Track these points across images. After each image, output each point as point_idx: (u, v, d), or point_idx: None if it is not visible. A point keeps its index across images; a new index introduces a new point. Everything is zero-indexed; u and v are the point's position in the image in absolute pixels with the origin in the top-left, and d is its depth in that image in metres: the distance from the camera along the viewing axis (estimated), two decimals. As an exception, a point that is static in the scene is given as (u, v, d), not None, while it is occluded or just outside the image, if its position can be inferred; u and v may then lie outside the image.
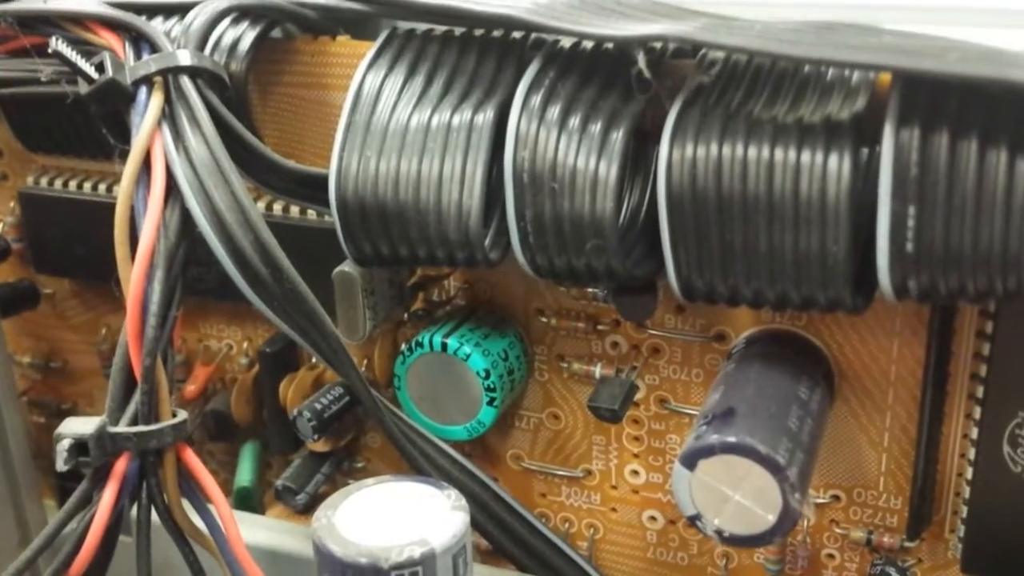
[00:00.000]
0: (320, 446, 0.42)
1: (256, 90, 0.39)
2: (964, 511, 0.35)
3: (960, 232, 0.27)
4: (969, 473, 0.34)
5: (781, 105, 0.30)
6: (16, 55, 0.39)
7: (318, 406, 0.40)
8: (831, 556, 0.38)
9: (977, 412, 0.34)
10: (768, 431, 0.31)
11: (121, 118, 0.35)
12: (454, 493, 0.31)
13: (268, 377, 0.43)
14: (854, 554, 0.38)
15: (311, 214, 0.40)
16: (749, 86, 0.31)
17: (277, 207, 0.40)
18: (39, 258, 0.46)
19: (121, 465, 0.32)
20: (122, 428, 0.32)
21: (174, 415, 0.32)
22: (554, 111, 0.32)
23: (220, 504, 0.33)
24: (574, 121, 0.32)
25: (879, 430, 0.36)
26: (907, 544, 0.37)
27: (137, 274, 0.31)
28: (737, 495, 0.31)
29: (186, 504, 0.33)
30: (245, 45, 0.37)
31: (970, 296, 0.29)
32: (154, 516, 0.33)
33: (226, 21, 0.37)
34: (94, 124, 0.41)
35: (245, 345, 0.45)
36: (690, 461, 0.31)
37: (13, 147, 0.45)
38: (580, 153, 0.31)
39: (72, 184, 0.44)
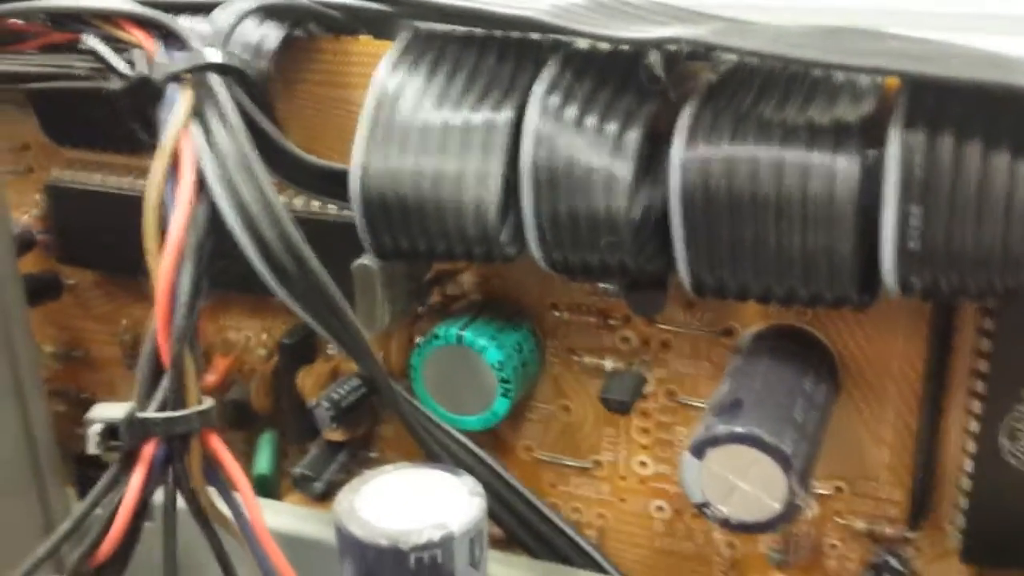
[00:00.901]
0: (336, 435, 0.43)
1: (279, 88, 0.40)
2: (963, 503, 0.36)
3: (963, 232, 0.29)
4: (968, 466, 0.35)
5: (791, 107, 0.31)
6: (46, 51, 0.40)
7: (335, 396, 0.41)
8: (833, 546, 0.39)
9: (976, 407, 0.35)
10: (774, 422, 0.32)
11: (147, 113, 0.36)
12: (471, 479, 0.32)
13: (287, 368, 0.44)
14: (856, 544, 0.39)
15: (331, 208, 0.41)
16: (760, 89, 0.32)
17: (297, 201, 0.41)
18: (64, 249, 0.47)
19: (149, 450, 0.33)
20: (151, 414, 0.33)
21: (200, 402, 0.33)
22: (571, 111, 0.33)
23: (244, 489, 0.33)
24: (590, 121, 0.33)
25: (881, 423, 0.37)
26: (908, 535, 0.38)
27: (167, 266, 0.32)
28: (744, 483, 0.32)
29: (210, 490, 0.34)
30: (270, 44, 0.38)
31: (971, 294, 0.30)
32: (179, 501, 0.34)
33: (251, 20, 0.38)
34: (119, 118, 0.42)
35: (264, 337, 0.46)
36: (699, 450, 0.32)
37: (40, 141, 0.46)
38: (596, 152, 0.32)
39: (97, 177, 0.45)
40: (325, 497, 0.44)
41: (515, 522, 0.39)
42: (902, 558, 0.38)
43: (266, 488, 0.45)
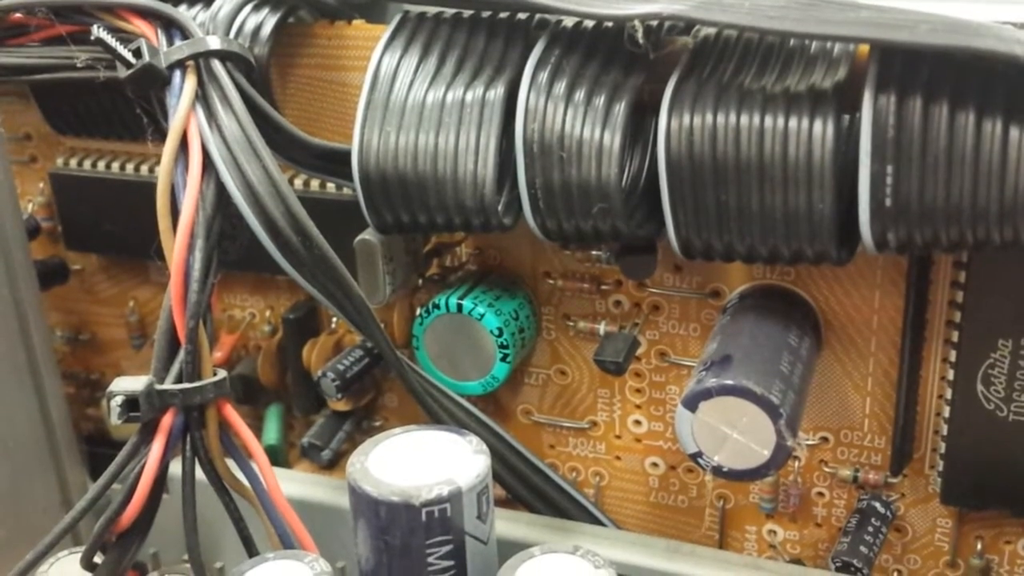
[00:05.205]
0: (342, 405, 0.45)
1: (276, 72, 0.41)
2: (942, 447, 0.38)
3: (933, 188, 0.30)
4: (946, 412, 0.37)
5: (769, 76, 0.33)
6: (49, 43, 0.41)
7: (341, 367, 0.43)
8: (821, 494, 0.41)
9: (953, 355, 0.37)
10: (762, 374, 0.34)
11: (149, 100, 0.37)
12: (475, 439, 0.33)
13: (292, 342, 0.45)
14: (842, 491, 0.41)
15: (329, 187, 0.42)
16: (740, 59, 0.34)
17: (297, 182, 0.43)
18: (69, 235, 0.48)
19: (168, 419, 0.34)
20: (168, 385, 0.34)
21: (214, 374, 0.35)
22: (560, 86, 0.34)
23: (258, 455, 0.35)
24: (579, 95, 0.34)
25: (863, 375, 0.39)
26: (891, 480, 0.40)
27: (180, 244, 0.34)
28: (735, 433, 0.33)
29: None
30: (267, 30, 0.39)
31: (943, 246, 0.32)
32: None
33: (248, 7, 0.39)
34: (120, 107, 0.44)
35: (268, 313, 0.47)
36: (692, 403, 0.34)
37: (42, 131, 0.47)
38: (585, 124, 0.34)
39: (100, 164, 0.46)
40: (332, 465, 0.46)
41: (516, 481, 0.41)
42: (887, 502, 0.40)
43: (275, 459, 0.47)
